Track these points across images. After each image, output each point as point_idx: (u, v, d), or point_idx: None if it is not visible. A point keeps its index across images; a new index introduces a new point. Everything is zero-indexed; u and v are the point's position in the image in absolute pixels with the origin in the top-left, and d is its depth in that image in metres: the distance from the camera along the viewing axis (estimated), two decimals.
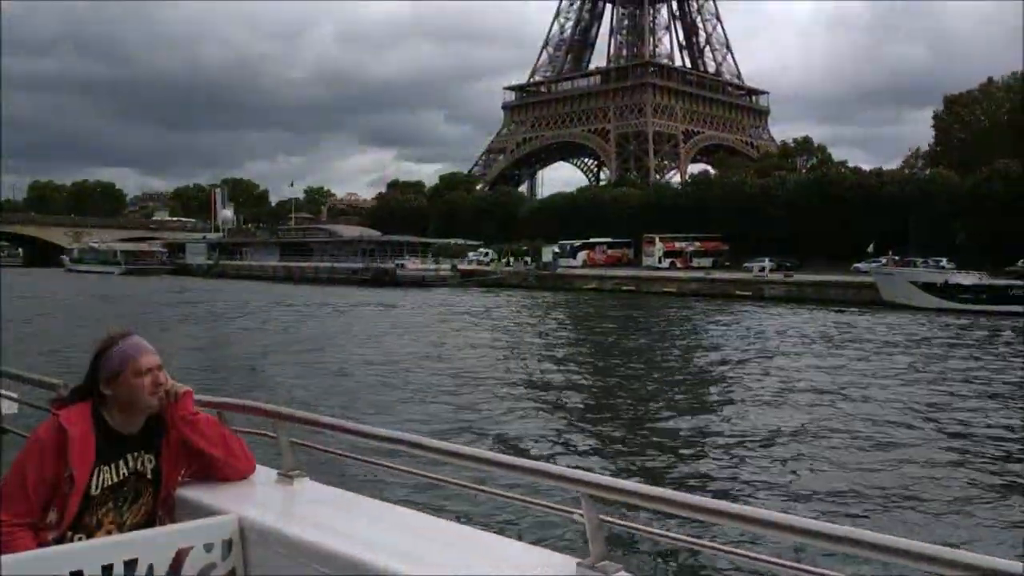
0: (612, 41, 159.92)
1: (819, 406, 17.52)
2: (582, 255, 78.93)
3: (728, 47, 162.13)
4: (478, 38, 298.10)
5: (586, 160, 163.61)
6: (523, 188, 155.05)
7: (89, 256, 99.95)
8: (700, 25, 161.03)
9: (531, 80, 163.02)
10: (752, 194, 73.32)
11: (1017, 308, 39.70)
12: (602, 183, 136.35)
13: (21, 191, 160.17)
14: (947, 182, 63.25)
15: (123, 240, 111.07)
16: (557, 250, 76.52)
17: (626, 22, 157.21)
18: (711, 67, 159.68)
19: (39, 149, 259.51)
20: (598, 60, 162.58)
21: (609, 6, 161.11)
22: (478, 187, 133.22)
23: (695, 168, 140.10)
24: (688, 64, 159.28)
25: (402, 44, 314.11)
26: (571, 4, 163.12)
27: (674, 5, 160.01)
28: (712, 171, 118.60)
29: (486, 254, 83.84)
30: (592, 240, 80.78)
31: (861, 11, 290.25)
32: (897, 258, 55.47)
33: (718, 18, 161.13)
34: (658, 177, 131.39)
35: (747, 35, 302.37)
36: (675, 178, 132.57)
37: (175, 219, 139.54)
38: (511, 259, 78.24)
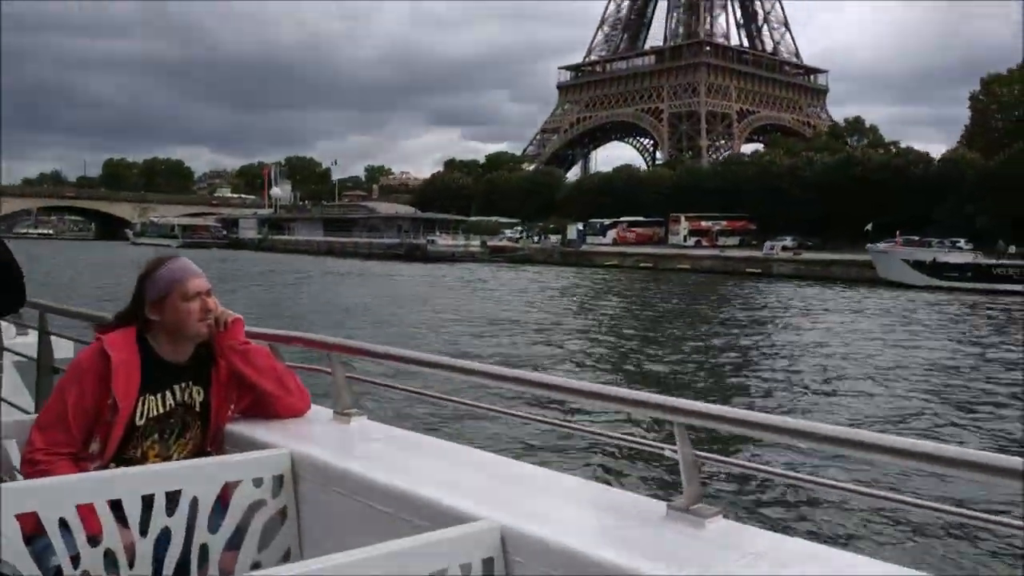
0: (668, 20, 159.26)
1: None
2: (612, 233, 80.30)
3: (787, 25, 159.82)
4: (545, 17, 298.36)
5: (642, 140, 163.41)
6: (577, 168, 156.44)
7: (151, 230, 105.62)
8: (758, 3, 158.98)
9: (586, 60, 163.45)
10: (779, 174, 73.48)
11: (1000, 286, 40.26)
12: (658, 163, 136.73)
13: (96, 168, 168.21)
14: (972, 163, 62.59)
15: (184, 216, 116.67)
16: (580, 228, 78.04)
17: (683, 0, 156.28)
18: (768, 46, 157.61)
19: (116, 128, 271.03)
20: (654, 39, 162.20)
21: None
22: (529, 166, 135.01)
23: (749, 148, 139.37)
24: (745, 43, 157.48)
25: (470, 24, 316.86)
26: None
27: None
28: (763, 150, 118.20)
29: (520, 232, 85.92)
30: (622, 219, 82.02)
31: None
32: (902, 239, 55.47)
33: None
34: (714, 157, 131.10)
35: (819, 10, 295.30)
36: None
37: (236, 196, 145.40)
38: (539, 236, 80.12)
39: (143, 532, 2.16)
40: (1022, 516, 1.53)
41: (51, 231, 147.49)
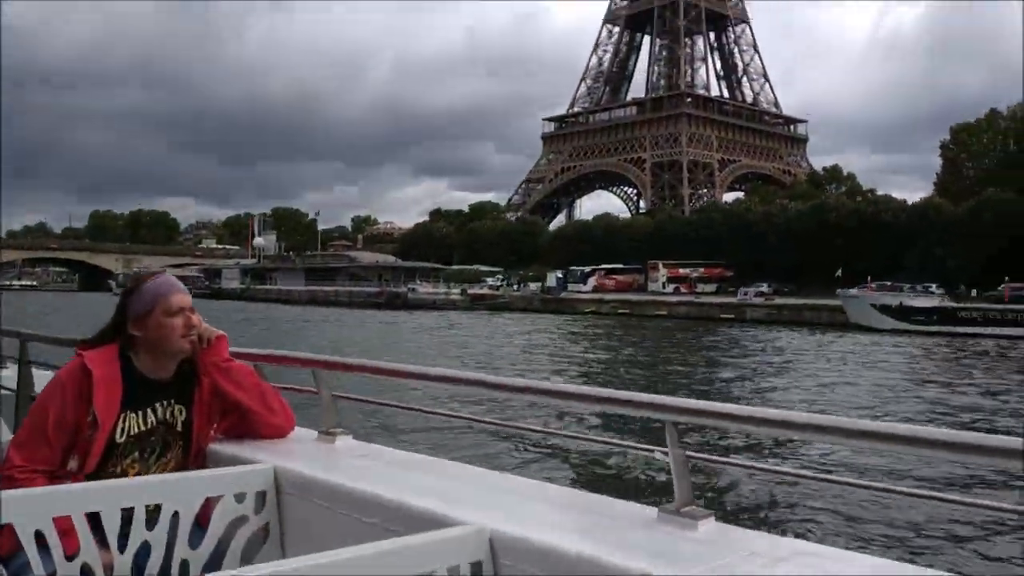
0: (650, 72, 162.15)
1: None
2: (592, 281, 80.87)
3: (766, 77, 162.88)
4: (529, 70, 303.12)
5: (626, 189, 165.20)
6: (562, 216, 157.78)
7: None
8: (737, 56, 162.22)
9: (569, 111, 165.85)
10: (755, 222, 74.52)
11: (964, 329, 40.77)
12: (642, 211, 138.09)
13: (82, 220, 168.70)
14: (941, 210, 63.78)
15: (168, 266, 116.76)
16: (559, 275, 78.67)
17: (664, 53, 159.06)
18: (748, 97, 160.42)
19: (104, 180, 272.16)
20: (636, 91, 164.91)
21: (647, 38, 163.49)
22: (510, 215, 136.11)
23: (731, 196, 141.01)
24: (725, 94, 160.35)
25: (456, 76, 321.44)
26: (609, 37, 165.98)
27: (711, 36, 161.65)
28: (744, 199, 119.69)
29: (501, 280, 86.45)
30: (602, 266, 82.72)
31: (918, 36, 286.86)
32: (875, 285, 56.18)
33: (755, 48, 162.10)
34: (696, 205, 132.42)
35: (801, 63, 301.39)
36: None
37: (221, 247, 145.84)
38: (519, 284, 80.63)
39: (122, 547, 2.10)
40: (1016, 499, 1.70)
41: (35, 282, 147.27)
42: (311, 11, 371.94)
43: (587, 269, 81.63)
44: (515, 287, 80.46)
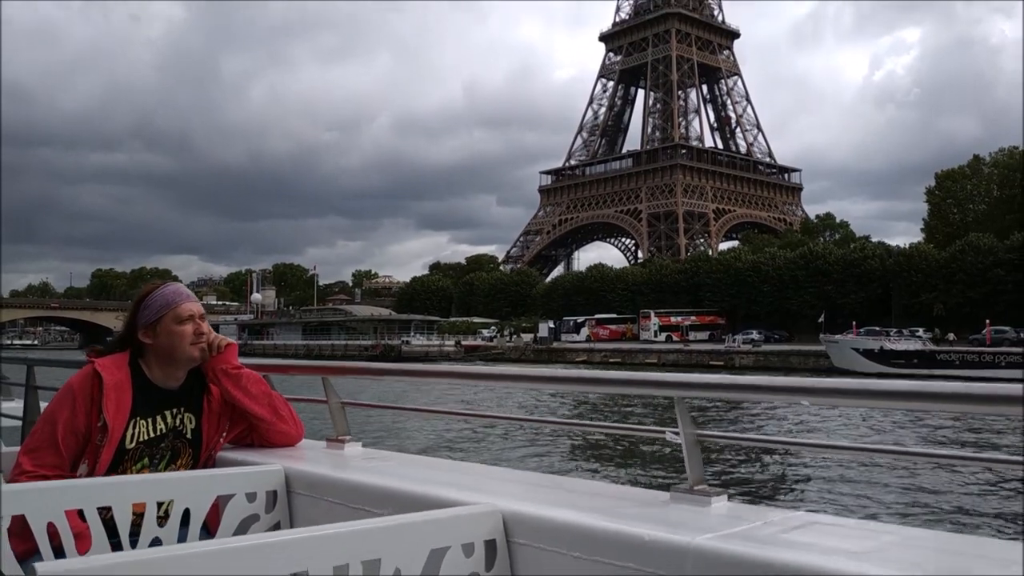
0: (644, 125, 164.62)
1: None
2: (585, 330, 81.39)
3: (759, 127, 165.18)
4: (529, 123, 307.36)
5: (624, 240, 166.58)
6: (560, 267, 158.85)
7: None
8: (730, 107, 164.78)
9: (566, 164, 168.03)
10: (743, 270, 75.32)
11: (942, 371, 41.28)
12: (640, 261, 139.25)
13: (85, 279, 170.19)
14: (925, 255, 64.56)
15: None
16: (551, 325, 79.22)
17: (658, 106, 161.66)
18: (742, 147, 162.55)
19: (107, 238, 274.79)
20: (631, 143, 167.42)
21: (641, 91, 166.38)
22: (508, 267, 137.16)
23: (727, 245, 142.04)
24: (719, 145, 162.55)
25: (456, 131, 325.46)
26: (604, 91, 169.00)
27: (704, 89, 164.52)
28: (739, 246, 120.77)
29: (495, 331, 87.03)
30: (595, 316, 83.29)
31: (909, 86, 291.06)
32: (863, 330, 56.69)
33: (748, 100, 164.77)
34: (692, 254, 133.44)
35: (796, 112, 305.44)
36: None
37: (220, 303, 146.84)
38: (512, 335, 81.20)
39: (133, 543, 2.11)
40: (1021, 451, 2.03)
41: (35, 341, 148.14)
42: (312, 68, 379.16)
43: (580, 319, 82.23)
44: (508, 338, 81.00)
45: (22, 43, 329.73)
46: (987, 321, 51.51)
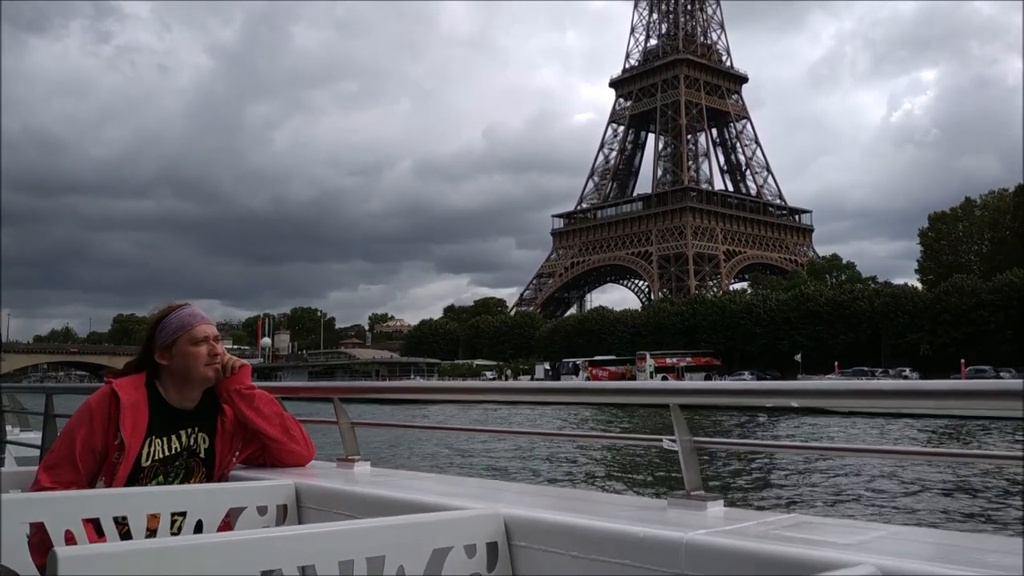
0: (655, 169, 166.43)
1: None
2: (584, 373, 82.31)
3: (768, 169, 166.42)
4: (548, 167, 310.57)
5: (636, 282, 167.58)
6: (574, 309, 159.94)
7: None
8: (740, 150, 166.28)
9: (577, 207, 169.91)
10: (737, 311, 76.24)
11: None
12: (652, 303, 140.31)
13: (106, 324, 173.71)
14: (912, 296, 65.26)
15: None
16: (547, 367, 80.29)
17: (668, 150, 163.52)
18: (752, 189, 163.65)
19: (133, 284, 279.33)
20: (642, 186, 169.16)
21: (651, 136, 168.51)
22: (520, 310, 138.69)
23: (738, 287, 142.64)
24: (730, 187, 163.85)
25: (476, 176, 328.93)
26: (615, 135, 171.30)
27: (713, 133, 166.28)
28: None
29: (496, 372, 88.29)
30: (595, 358, 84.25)
31: (928, 126, 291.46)
32: (852, 371, 57.29)
33: (757, 142, 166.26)
34: (701, 296, 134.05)
35: (815, 154, 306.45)
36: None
37: (235, 347, 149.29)
38: (511, 376, 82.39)
39: None
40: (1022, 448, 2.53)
41: (56, 384, 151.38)
42: (334, 115, 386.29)
43: (579, 361, 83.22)
44: (506, 379, 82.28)
45: (53, 93, 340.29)
46: (962, 361, 51.96)
